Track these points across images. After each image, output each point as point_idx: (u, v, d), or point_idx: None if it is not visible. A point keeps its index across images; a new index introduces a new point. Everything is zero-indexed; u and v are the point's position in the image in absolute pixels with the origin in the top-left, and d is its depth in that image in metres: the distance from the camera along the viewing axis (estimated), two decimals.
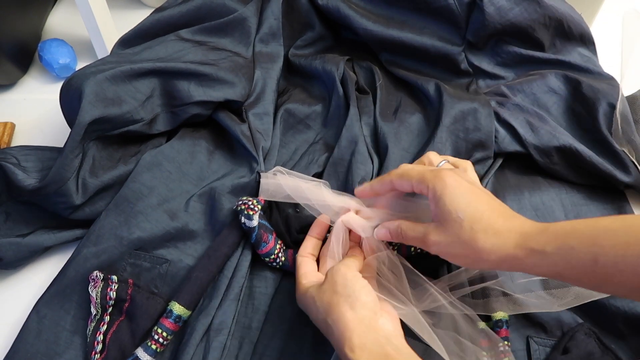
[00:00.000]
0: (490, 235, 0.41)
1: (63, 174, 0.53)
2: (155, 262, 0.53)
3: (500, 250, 0.41)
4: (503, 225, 0.41)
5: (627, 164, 0.61)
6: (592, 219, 0.39)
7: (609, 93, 0.64)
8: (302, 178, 0.55)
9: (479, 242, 0.41)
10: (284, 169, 0.57)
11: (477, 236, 0.41)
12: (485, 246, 0.41)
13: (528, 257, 0.40)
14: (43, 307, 0.51)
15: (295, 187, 0.53)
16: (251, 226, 0.52)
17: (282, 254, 0.53)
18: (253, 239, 0.52)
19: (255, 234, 0.52)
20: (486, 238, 0.41)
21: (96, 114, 0.53)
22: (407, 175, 0.47)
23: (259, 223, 0.52)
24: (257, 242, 0.52)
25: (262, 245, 0.52)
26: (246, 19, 0.69)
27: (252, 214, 0.52)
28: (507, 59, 0.73)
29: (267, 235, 0.52)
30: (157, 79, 0.60)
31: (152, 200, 0.56)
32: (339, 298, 0.42)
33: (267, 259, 0.53)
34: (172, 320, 0.48)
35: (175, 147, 0.60)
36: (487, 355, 0.48)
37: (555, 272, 0.39)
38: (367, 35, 0.72)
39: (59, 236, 0.57)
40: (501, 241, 0.41)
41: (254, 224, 0.52)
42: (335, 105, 0.67)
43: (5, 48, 0.72)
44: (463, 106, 0.65)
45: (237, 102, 0.63)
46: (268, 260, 0.53)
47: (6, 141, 0.67)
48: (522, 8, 0.68)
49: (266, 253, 0.52)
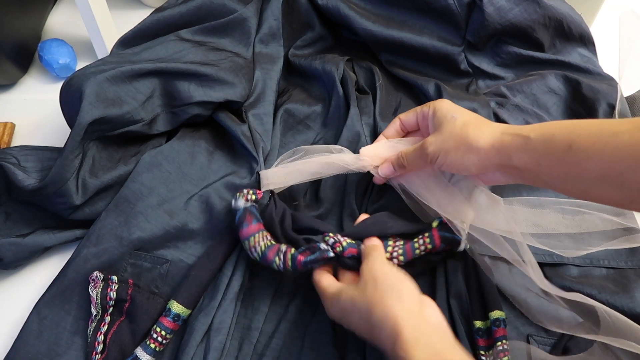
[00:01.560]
0: (480, 128, 0.46)
1: (63, 174, 0.53)
2: (155, 262, 0.53)
3: (489, 138, 0.45)
4: (491, 124, 0.47)
5: None
6: None
7: (609, 93, 0.64)
8: (315, 151, 0.57)
9: (470, 132, 0.46)
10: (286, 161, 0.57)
11: (468, 128, 0.47)
12: (475, 135, 0.46)
13: (513, 141, 0.43)
14: (43, 308, 0.51)
15: (291, 172, 0.55)
16: (237, 207, 0.51)
17: (262, 243, 0.50)
18: (236, 220, 0.51)
19: (239, 214, 0.51)
20: (476, 129, 0.46)
21: (96, 115, 0.53)
22: (410, 111, 0.56)
23: (245, 207, 0.52)
24: (240, 222, 0.51)
25: (244, 225, 0.51)
26: (246, 19, 0.69)
27: (241, 197, 0.52)
28: (507, 59, 0.73)
29: (252, 219, 0.51)
30: (157, 80, 0.60)
31: (152, 201, 0.56)
32: (383, 292, 0.41)
33: (246, 243, 0.50)
34: (171, 319, 0.48)
35: (175, 147, 0.60)
36: (485, 354, 0.48)
37: (535, 159, 0.42)
38: (367, 35, 0.72)
39: (59, 236, 0.57)
40: (489, 131, 0.46)
41: (240, 205, 0.51)
42: (335, 106, 0.67)
43: (5, 48, 0.72)
44: (462, 106, 0.65)
45: (237, 103, 0.63)
46: (247, 247, 0.50)
47: (6, 141, 0.67)
48: (522, 8, 0.68)
49: (246, 237, 0.50)
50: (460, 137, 0.46)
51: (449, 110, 0.49)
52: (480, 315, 0.50)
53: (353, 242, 0.50)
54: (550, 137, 0.41)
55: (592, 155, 0.38)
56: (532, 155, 0.42)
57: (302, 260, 0.49)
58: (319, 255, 0.49)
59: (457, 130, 0.47)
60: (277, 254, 0.50)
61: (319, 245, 0.50)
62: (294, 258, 0.49)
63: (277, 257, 0.49)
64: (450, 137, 0.47)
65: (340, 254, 0.49)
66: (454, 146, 0.47)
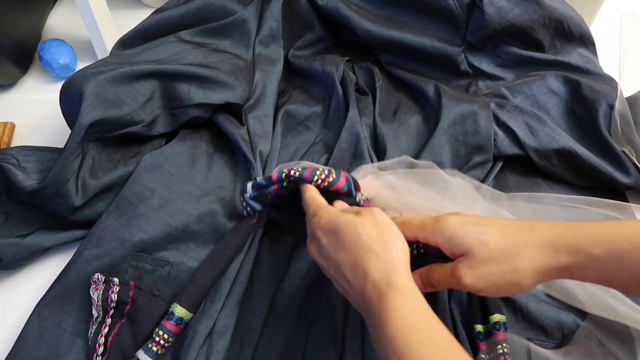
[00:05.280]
0: (521, 250, 0.39)
1: (63, 175, 0.53)
2: (157, 265, 0.53)
3: (539, 261, 0.39)
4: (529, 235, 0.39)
5: (627, 165, 0.61)
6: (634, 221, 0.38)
7: (609, 94, 0.64)
8: None
9: (513, 259, 0.39)
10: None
11: (509, 253, 0.39)
12: (521, 262, 0.39)
13: (573, 261, 0.38)
14: (44, 310, 0.51)
15: None
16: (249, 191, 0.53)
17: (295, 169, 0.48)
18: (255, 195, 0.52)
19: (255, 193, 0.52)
20: (519, 254, 0.39)
21: (96, 116, 0.53)
22: (407, 223, 0.44)
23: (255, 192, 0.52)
24: (261, 191, 0.51)
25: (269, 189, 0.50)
26: (246, 20, 0.69)
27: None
28: (507, 60, 0.73)
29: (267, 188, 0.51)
30: (157, 81, 0.60)
31: (153, 202, 0.56)
32: (387, 234, 0.40)
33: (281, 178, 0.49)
34: (174, 322, 0.48)
35: (175, 148, 0.60)
36: (486, 357, 0.48)
37: (603, 275, 0.37)
38: (367, 35, 0.72)
39: (58, 237, 0.57)
40: (537, 251, 0.39)
41: (249, 187, 0.52)
42: (335, 106, 0.67)
43: (5, 48, 0.72)
44: (462, 108, 0.65)
45: (236, 105, 0.63)
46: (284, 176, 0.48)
47: (6, 141, 0.67)
48: (522, 9, 0.68)
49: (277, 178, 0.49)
50: (503, 268, 0.39)
51: (470, 233, 0.41)
52: (480, 318, 0.50)
53: None
54: (620, 255, 0.36)
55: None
56: (599, 272, 0.37)
57: None
58: None
59: (495, 257, 0.39)
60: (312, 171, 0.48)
61: None
62: None
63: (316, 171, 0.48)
64: (488, 267, 0.40)
65: None
66: (496, 278, 0.40)
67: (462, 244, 0.41)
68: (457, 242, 0.41)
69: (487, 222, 0.41)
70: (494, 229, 0.40)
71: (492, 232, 0.40)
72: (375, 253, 0.39)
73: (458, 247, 0.41)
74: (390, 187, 0.53)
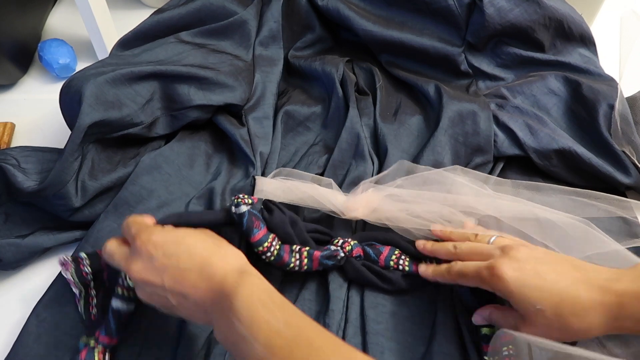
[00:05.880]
0: (581, 316, 0.39)
1: (62, 176, 0.53)
2: None
3: (602, 325, 0.39)
4: (589, 297, 0.39)
5: (628, 166, 0.61)
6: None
7: (609, 94, 0.64)
8: (302, 177, 0.56)
9: (574, 326, 0.39)
10: (286, 169, 0.57)
11: (568, 321, 0.39)
12: (582, 327, 0.39)
13: (637, 328, 0.38)
14: (42, 310, 0.51)
15: (289, 188, 0.54)
16: (240, 212, 0.49)
17: (275, 244, 0.50)
18: (244, 226, 0.49)
19: (246, 219, 0.49)
20: (578, 320, 0.39)
21: (96, 117, 0.53)
22: (464, 274, 0.45)
23: (248, 210, 0.50)
24: (249, 228, 0.49)
25: (254, 231, 0.49)
26: (246, 21, 0.69)
27: (241, 202, 0.51)
28: (507, 60, 0.72)
29: (259, 223, 0.50)
30: (157, 83, 0.60)
31: (151, 203, 0.56)
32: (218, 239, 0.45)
33: (259, 248, 0.49)
34: None
35: (174, 149, 0.60)
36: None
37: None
38: (367, 36, 0.72)
39: (58, 237, 0.56)
40: (599, 317, 0.39)
41: (243, 210, 0.50)
42: (335, 107, 0.67)
43: (5, 48, 0.72)
44: (462, 109, 0.65)
45: (236, 106, 0.63)
46: (260, 251, 0.49)
47: (6, 141, 0.67)
48: (522, 9, 0.68)
49: (258, 241, 0.49)
50: (565, 331, 0.40)
51: (525, 299, 0.41)
52: None
53: (358, 244, 0.53)
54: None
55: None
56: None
57: (318, 256, 0.50)
58: (331, 252, 0.51)
59: (555, 324, 0.40)
60: (291, 254, 0.50)
61: (329, 247, 0.52)
62: (310, 255, 0.51)
63: (292, 257, 0.50)
64: (552, 330, 0.40)
65: (349, 253, 0.52)
66: (560, 338, 0.40)
67: (519, 308, 0.41)
68: (514, 303, 0.42)
69: (545, 278, 0.41)
70: (553, 295, 0.40)
71: (551, 298, 0.40)
72: (221, 252, 0.42)
73: (515, 307, 0.42)
74: (393, 198, 0.54)
